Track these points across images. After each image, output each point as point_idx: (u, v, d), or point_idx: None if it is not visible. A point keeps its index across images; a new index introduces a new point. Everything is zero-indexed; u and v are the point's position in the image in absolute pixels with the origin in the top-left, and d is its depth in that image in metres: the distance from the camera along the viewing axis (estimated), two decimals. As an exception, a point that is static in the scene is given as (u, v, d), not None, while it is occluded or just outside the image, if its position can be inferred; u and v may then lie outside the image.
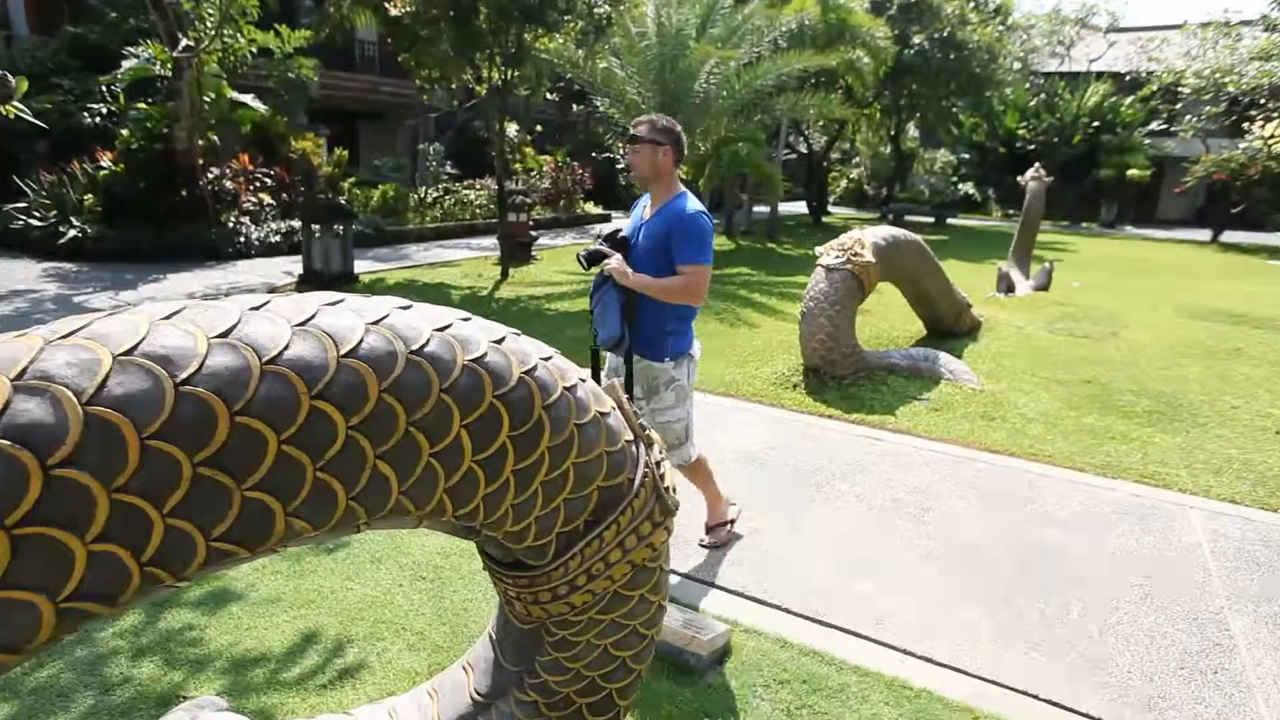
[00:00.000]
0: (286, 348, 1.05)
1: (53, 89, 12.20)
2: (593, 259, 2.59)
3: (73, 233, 9.85)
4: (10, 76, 3.57)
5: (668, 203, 2.57)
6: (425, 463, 1.20)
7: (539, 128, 19.25)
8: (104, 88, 11.87)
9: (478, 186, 16.23)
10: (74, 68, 12.62)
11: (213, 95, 11.26)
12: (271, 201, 11.84)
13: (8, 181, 11.13)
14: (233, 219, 10.99)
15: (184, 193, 10.49)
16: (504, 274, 9.82)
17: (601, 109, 14.13)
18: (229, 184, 11.22)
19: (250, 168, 11.98)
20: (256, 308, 1.11)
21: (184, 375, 0.97)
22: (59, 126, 11.37)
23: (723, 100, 11.65)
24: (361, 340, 1.12)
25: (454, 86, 12.90)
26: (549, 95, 18.30)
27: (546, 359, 1.38)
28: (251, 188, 11.73)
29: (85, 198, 10.50)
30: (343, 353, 1.09)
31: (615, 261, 2.55)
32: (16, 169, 11.16)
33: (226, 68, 11.66)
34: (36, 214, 10.35)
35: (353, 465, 1.12)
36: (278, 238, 11.09)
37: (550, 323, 7.25)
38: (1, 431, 0.85)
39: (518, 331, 1.38)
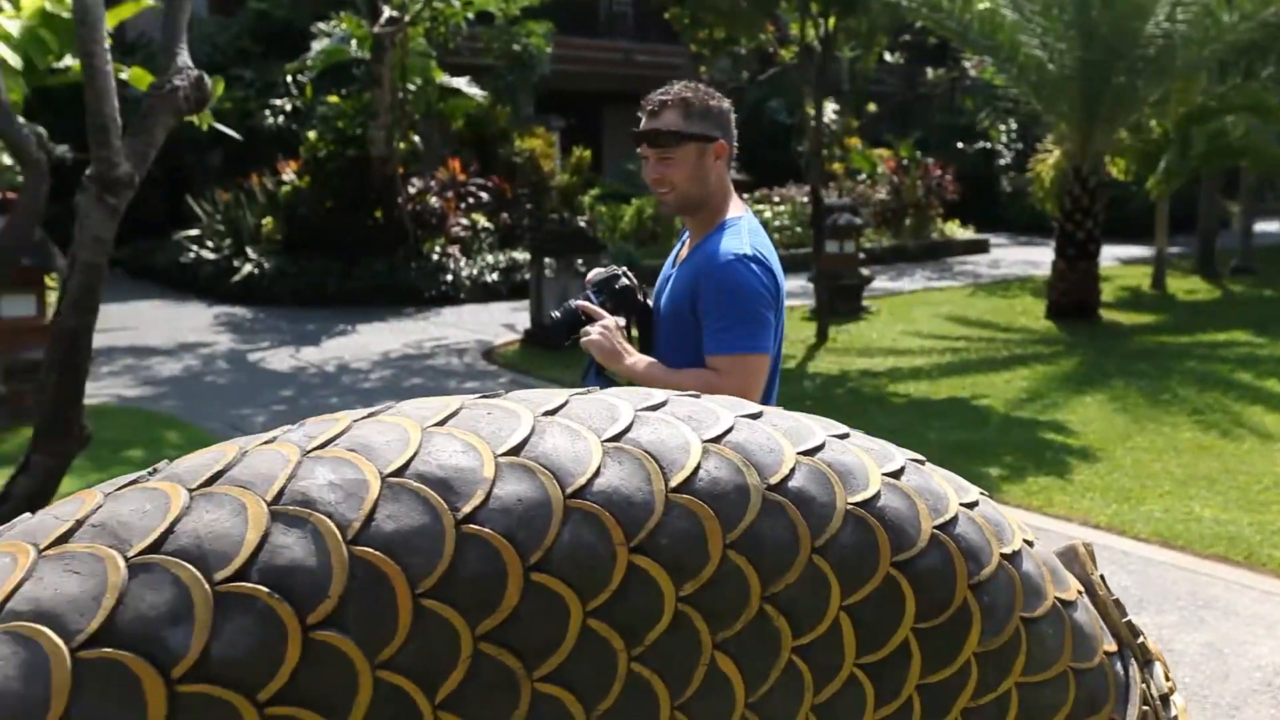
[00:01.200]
0: (596, 475, 1.14)
1: (232, 83, 15.00)
2: (566, 326, 2.39)
3: (248, 268, 11.94)
4: (207, 77, 4.42)
5: (708, 235, 2.40)
6: (785, 661, 1.21)
7: (871, 107, 19.57)
8: (289, 78, 14.35)
9: (775, 199, 16.82)
10: (256, 54, 15.47)
11: (419, 81, 13.09)
12: (487, 225, 13.33)
13: (180, 203, 13.78)
14: (438, 249, 12.57)
15: (378, 214, 12.24)
16: (820, 334, 9.98)
17: (974, 73, 14.01)
18: (434, 201, 12.86)
19: (461, 178, 13.65)
20: (551, 411, 1.23)
21: (467, 509, 1.09)
22: (238, 130, 13.94)
23: (1197, 46, 10.96)
24: (699, 467, 1.18)
25: (743, 51, 13.69)
26: (887, 56, 18.60)
27: (969, 505, 1.35)
28: (462, 206, 13.32)
29: (264, 221, 12.68)
30: (673, 485, 1.15)
31: (598, 331, 2.34)
32: (190, 187, 13.83)
33: (435, 42, 13.51)
34: (209, 244, 12.69)
35: (683, 655, 1.16)
36: (494, 275, 12.45)
37: (900, 418, 7.17)
38: (258, 574, 1.02)
39: (920, 458, 1.37)
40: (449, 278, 12.14)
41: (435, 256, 12.45)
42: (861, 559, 1.23)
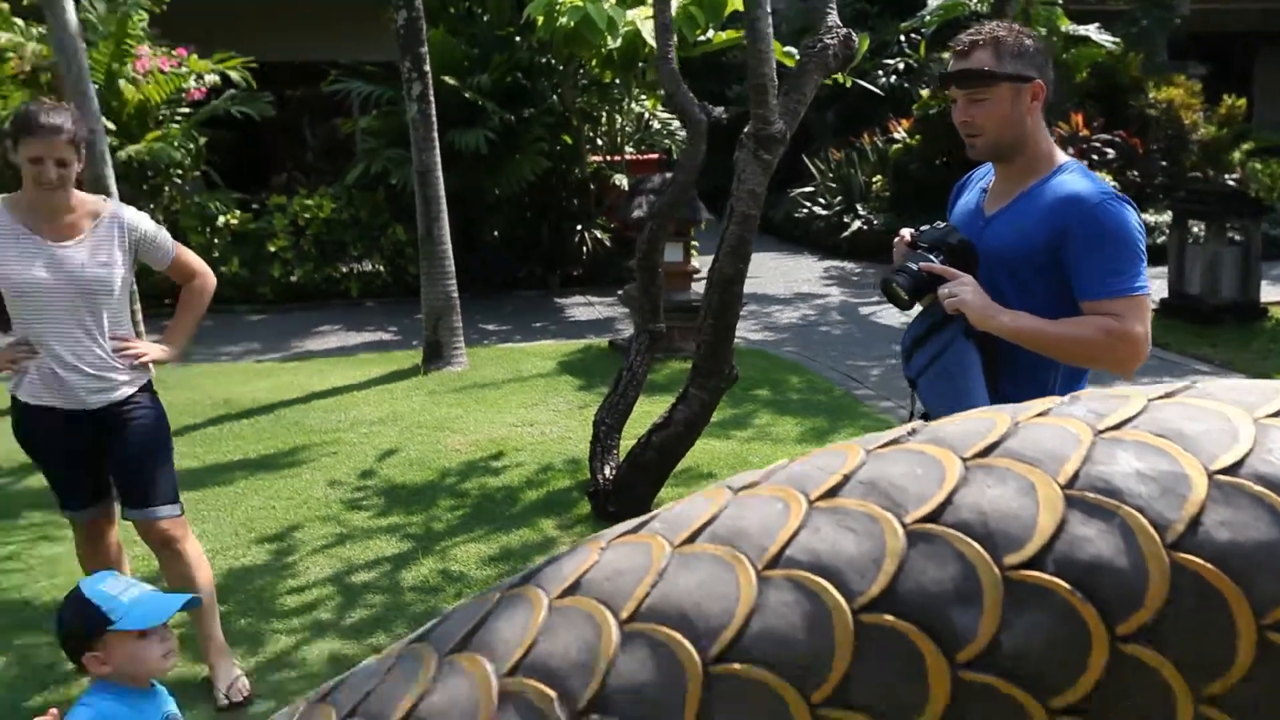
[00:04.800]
0: None
1: (853, 43, 15.47)
2: (918, 287, 2.31)
3: (856, 224, 12.23)
4: (854, 34, 4.43)
5: (1043, 179, 2.30)
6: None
7: None
8: (902, 37, 14.33)
9: None
10: (873, 15, 15.67)
11: (1043, 31, 12.34)
12: (1114, 183, 12.33)
13: (796, 161, 14.47)
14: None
15: (993, 172, 11.85)
16: None
17: None
18: (1055, 158, 12.17)
19: (1085, 132, 12.73)
20: None
21: None
22: (854, 90, 14.28)
23: None
24: None
25: None
26: None
27: None
28: (1085, 162, 12.44)
29: (874, 179, 12.89)
30: None
31: (970, 291, 2.24)
32: (806, 145, 14.42)
33: (1064, -14, 12.65)
34: (821, 200, 13.21)
35: None
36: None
37: None
38: (1054, 566, 0.90)
39: None
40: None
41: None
42: None
